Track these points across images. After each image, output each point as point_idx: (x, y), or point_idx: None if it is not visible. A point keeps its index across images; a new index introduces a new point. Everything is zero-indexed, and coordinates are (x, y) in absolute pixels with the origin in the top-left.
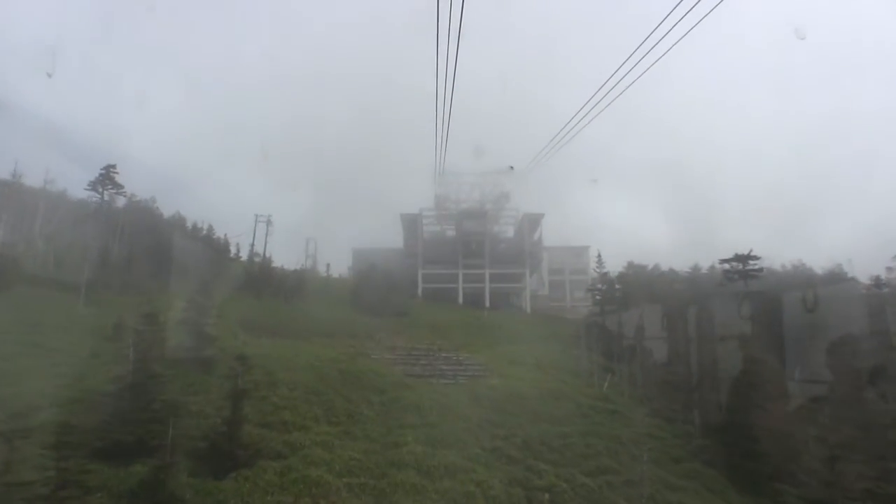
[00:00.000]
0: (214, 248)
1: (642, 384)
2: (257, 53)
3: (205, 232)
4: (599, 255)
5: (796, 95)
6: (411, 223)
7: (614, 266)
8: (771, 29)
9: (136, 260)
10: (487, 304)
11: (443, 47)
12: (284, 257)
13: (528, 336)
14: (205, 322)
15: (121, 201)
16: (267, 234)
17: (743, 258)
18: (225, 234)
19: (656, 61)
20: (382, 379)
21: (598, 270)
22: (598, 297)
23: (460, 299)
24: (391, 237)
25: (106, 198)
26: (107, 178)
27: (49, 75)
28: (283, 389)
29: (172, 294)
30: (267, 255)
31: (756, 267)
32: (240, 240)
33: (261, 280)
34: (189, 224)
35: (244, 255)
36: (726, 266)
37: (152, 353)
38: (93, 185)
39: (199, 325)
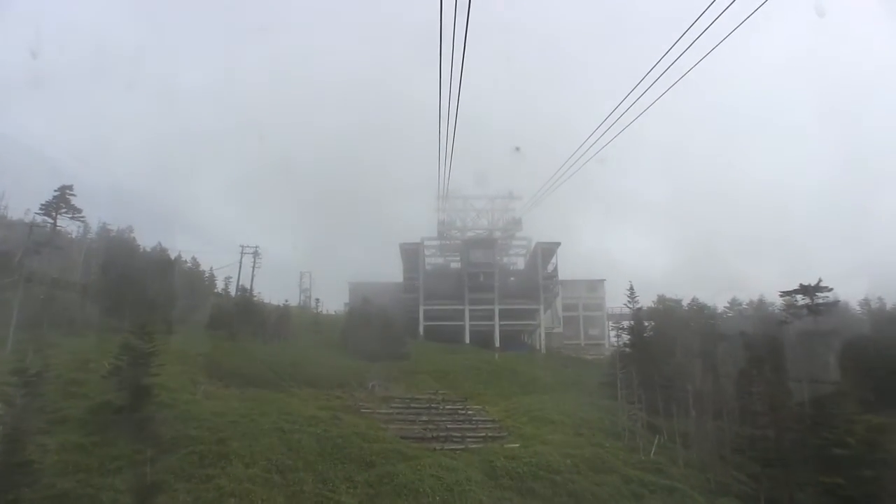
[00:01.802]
0: (194, 283)
1: (700, 447)
2: (252, 78)
3: (188, 264)
4: (632, 288)
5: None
6: (412, 254)
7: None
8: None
9: (95, 295)
10: (497, 343)
11: (446, 65)
12: (278, 293)
13: (548, 383)
14: (141, 373)
15: (80, 227)
16: (254, 267)
17: (810, 290)
18: (211, 268)
19: (662, 95)
20: (371, 446)
21: (630, 306)
22: (629, 337)
23: (467, 338)
24: (391, 270)
25: (63, 224)
26: (62, 201)
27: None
28: (236, 466)
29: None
30: (253, 289)
31: (827, 300)
32: (222, 272)
33: (238, 318)
34: (172, 256)
35: (234, 291)
36: (790, 299)
37: (29, 426)
38: (45, 209)
39: (134, 376)
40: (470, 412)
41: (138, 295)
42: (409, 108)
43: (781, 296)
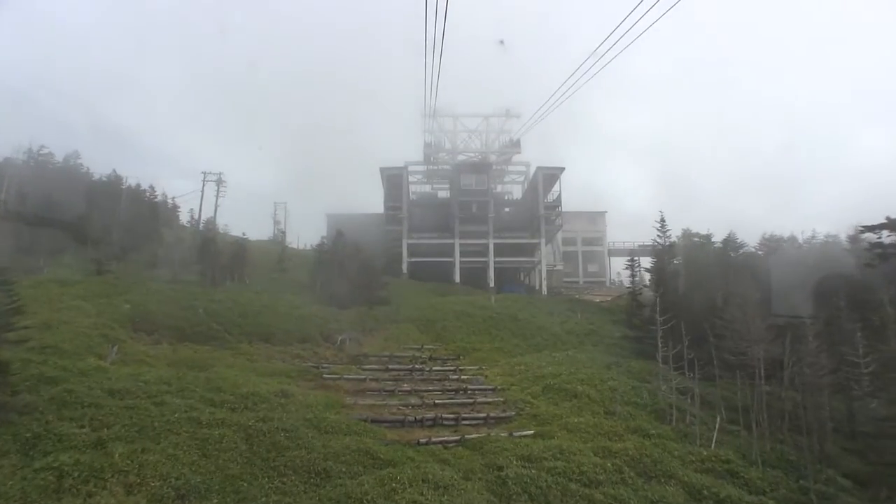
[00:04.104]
0: (153, 215)
1: (775, 435)
2: None
3: (148, 195)
4: (663, 220)
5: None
6: (394, 180)
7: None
8: None
9: (9, 229)
10: (492, 283)
11: None
12: (252, 227)
13: (556, 333)
14: None
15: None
16: (217, 196)
17: None
18: (173, 198)
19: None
20: (328, 443)
21: (659, 242)
22: (655, 278)
23: (457, 277)
24: (375, 200)
25: None
26: None
27: None
28: (112, 491)
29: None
30: (216, 220)
31: None
32: (188, 204)
33: (183, 254)
34: (129, 185)
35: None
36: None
37: None
38: None
39: None
40: (464, 377)
41: (70, 228)
42: (393, 14)
43: (861, 231)
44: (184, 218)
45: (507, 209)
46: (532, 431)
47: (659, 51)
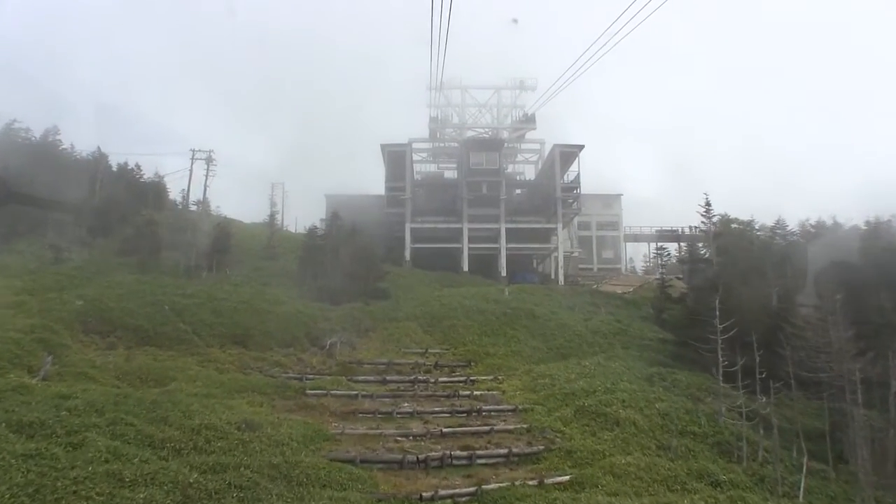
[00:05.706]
0: (138, 196)
1: (879, 478)
2: None
3: (135, 174)
4: (708, 203)
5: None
6: (397, 159)
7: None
8: None
9: None
10: (504, 272)
11: None
12: (250, 210)
13: (581, 333)
14: None
15: None
16: (207, 174)
17: None
18: (163, 177)
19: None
20: (296, 502)
21: (704, 228)
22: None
23: (465, 265)
24: (378, 181)
25: None
26: None
27: None
28: None
29: None
30: (207, 201)
31: None
32: (169, 181)
33: (152, 239)
34: (112, 164)
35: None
36: None
37: None
38: None
39: None
40: (477, 392)
41: (33, 210)
42: None
43: None
44: (176, 199)
45: (519, 191)
46: (568, 477)
47: (663, 36)
